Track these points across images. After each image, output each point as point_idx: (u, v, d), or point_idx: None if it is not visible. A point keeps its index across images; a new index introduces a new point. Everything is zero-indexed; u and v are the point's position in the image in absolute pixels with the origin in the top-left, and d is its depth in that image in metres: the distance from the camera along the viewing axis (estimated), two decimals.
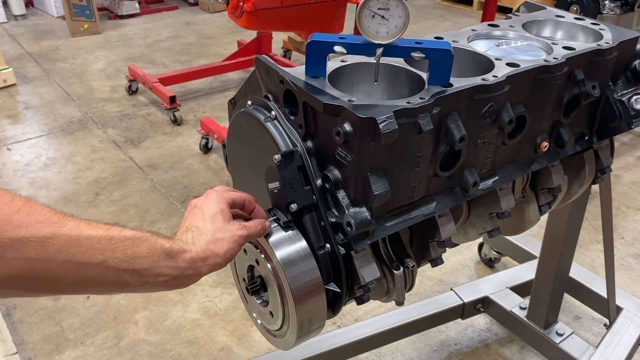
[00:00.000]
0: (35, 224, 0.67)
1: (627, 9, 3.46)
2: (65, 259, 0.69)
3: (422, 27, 5.76)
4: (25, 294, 0.72)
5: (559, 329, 1.91)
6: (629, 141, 3.61)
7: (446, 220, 1.07)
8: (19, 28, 5.68)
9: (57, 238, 0.68)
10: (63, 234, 0.69)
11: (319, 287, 0.92)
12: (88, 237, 0.72)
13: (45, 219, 0.68)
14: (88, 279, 0.72)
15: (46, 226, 0.68)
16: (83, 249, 0.71)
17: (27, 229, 0.66)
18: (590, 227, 2.77)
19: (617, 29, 1.25)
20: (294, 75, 0.94)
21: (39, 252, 0.67)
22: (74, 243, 0.70)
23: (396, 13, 0.90)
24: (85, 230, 0.72)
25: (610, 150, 1.39)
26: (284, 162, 0.90)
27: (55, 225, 0.69)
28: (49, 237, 0.68)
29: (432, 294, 2.33)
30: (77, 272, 0.71)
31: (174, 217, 2.81)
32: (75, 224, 0.71)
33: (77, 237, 0.70)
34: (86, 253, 0.71)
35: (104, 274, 0.73)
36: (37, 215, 0.68)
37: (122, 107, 4.05)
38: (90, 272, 0.72)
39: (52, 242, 0.68)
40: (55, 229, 0.69)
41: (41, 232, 0.67)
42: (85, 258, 0.71)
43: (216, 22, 5.90)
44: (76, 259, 0.70)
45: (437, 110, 0.91)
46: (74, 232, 0.70)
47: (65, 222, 0.70)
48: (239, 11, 3.09)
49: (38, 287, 0.70)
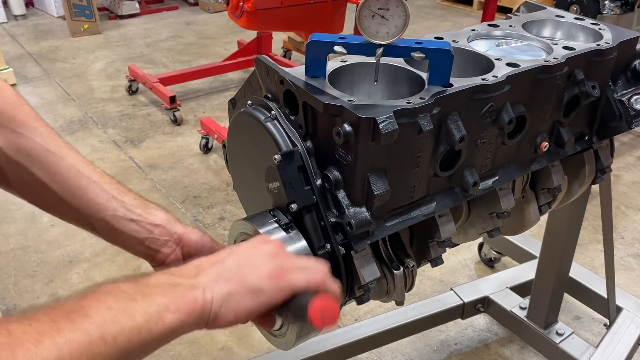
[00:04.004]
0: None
1: (627, 9, 3.46)
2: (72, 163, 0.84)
3: (422, 27, 5.76)
4: None
5: (559, 329, 1.91)
6: (629, 141, 3.61)
7: (446, 220, 1.07)
8: (19, 28, 5.68)
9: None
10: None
11: None
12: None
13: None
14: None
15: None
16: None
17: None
18: (590, 227, 2.77)
19: (617, 29, 1.25)
20: (294, 75, 0.94)
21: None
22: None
23: (396, 13, 0.89)
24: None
25: (610, 150, 1.39)
26: (284, 162, 0.90)
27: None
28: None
29: (432, 294, 2.33)
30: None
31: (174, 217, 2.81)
32: (76, 153, 0.86)
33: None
34: (87, 170, 0.86)
35: (99, 191, 0.86)
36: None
37: (122, 107, 4.05)
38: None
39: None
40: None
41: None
42: (86, 171, 0.85)
43: (216, 22, 5.90)
44: (80, 168, 0.84)
45: (437, 110, 0.91)
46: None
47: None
48: (239, 11, 3.09)
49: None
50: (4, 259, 2.54)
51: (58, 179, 0.81)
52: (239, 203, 1.19)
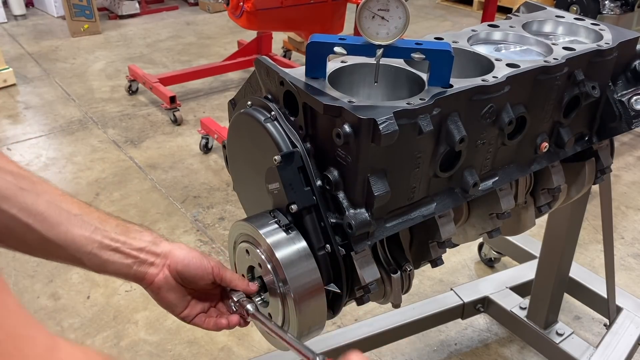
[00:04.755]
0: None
1: (627, 9, 3.46)
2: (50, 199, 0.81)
3: (422, 28, 5.76)
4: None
5: (559, 329, 1.91)
6: (629, 141, 3.61)
7: (446, 221, 1.07)
8: (19, 28, 5.68)
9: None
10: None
11: (319, 288, 0.92)
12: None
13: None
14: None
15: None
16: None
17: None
18: (590, 227, 2.77)
19: (617, 29, 1.25)
20: (294, 76, 0.94)
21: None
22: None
23: (396, 14, 0.90)
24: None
25: (610, 151, 1.39)
26: (284, 162, 0.91)
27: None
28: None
29: (432, 294, 2.33)
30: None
31: (174, 217, 2.81)
32: (53, 188, 0.83)
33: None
34: (67, 204, 0.83)
35: (81, 224, 0.83)
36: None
37: (122, 107, 4.05)
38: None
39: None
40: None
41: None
42: (65, 205, 0.82)
43: (216, 22, 5.90)
44: (59, 204, 0.82)
45: (437, 111, 0.91)
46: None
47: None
48: (239, 11, 3.09)
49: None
50: (4, 259, 2.54)
51: (39, 218, 0.78)
52: (239, 203, 1.19)
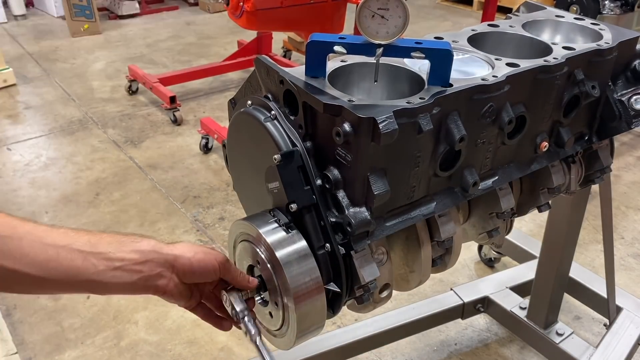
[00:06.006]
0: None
1: (627, 9, 3.46)
2: (33, 239, 0.76)
3: (422, 27, 5.76)
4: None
5: (559, 329, 1.91)
6: (629, 141, 3.61)
7: (446, 220, 1.07)
8: (19, 28, 5.68)
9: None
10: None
11: (318, 287, 0.92)
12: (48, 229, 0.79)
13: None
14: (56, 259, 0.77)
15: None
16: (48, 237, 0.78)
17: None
18: (590, 227, 2.77)
19: (617, 29, 1.25)
20: (294, 76, 0.94)
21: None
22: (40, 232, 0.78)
23: (396, 13, 0.90)
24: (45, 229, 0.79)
25: (610, 150, 1.39)
26: (284, 162, 0.90)
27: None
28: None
29: (432, 294, 2.33)
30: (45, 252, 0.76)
31: (174, 217, 2.81)
32: (34, 226, 0.78)
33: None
34: (51, 237, 0.78)
35: (71, 255, 0.77)
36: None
37: (122, 107, 4.05)
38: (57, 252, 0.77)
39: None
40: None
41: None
42: (50, 240, 0.77)
43: (216, 22, 5.90)
44: (43, 240, 0.76)
45: (437, 110, 0.91)
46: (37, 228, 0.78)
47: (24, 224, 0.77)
48: (239, 11, 3.09)
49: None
50: None
51: (27, 261, 0.75)
52: (239, 203, 1.19)
